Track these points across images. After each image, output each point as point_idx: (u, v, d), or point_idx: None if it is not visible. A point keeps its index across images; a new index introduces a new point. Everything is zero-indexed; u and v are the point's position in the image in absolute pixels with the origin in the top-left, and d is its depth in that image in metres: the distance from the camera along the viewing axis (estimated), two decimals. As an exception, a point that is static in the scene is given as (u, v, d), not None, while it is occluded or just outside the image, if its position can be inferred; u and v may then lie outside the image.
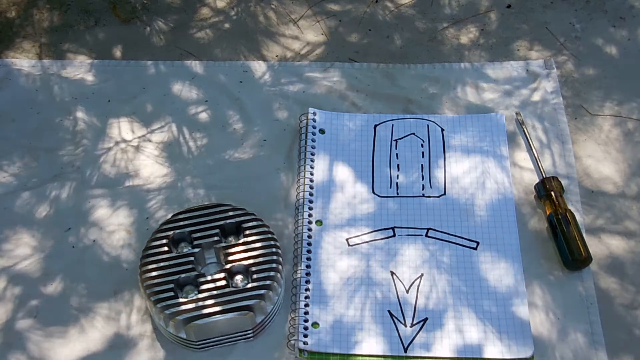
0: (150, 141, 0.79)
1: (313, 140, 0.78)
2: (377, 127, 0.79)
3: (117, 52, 0.87)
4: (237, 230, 0.68)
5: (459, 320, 0.67)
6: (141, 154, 0.78)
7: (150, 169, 0.77)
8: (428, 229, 0.72)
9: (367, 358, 0.65)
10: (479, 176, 0.75)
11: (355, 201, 0.74)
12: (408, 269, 0.70)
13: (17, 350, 0.66)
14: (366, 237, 0.72)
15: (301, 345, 0.65)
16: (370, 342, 0.66)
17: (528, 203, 0.74)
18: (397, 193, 0.75)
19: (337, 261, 0.70)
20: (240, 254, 0.66)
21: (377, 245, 0.71)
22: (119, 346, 0.66)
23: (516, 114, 0.80)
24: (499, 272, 0.69)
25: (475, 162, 0.76)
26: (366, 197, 0.74)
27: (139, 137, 0.79)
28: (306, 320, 0.67)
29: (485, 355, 0.65)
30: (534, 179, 0.75)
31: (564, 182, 0.74)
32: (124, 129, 0.80)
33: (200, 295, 0.64)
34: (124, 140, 0.79)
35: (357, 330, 0.67)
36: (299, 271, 0.70)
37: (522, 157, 0.77)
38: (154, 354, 0.66)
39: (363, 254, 0.71)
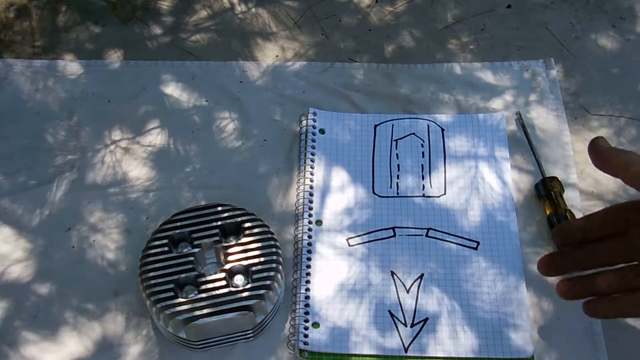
0: (150, 141, 0.79)
1: (313, 141, 0.78)
2: (377, 127, 0.79)
3: (117, 53, 0.87)
4: (237, 230, 0.68)
5: (459, 320, 0.67)
6: (141, 154, 0.78)
7: (150, 169, 0.77)
8: (428, 229, 0.72)
9: (368, 358, 0.65)
10: (479, 176, 0.75)
11: (356, 201, 0.74)
12: (408, 269, 0.70)
13: (17, 351, 0.66)
14: (366, 237, 0.72)
15: (301, 345, 0.65)
16: (371, 342, 0.66)
17: (528, 203, 0.74)
18: (397, 193, 0.75)
19: (337, 261, 0.70)
20: (240, 254, 0.66)
21: (378, 245, 0.71)
22: (119, 346, 0.66)
23: (516, 113, 0.80)
24: (499, 272, 0.69)
25: (475, 162, 0.76)
26: (366, 197, 0.74)
27: (139, 137, 0.79)
28: (306, 320, 0.67)
29: (486, 355, 0.65)
30: (534, 179, 0.75)
31: (563, 182, 0.74)
32: (124, 129, 0.80)
33: (200, 296, 0.64)
34: (124, 141, 0.79)
35: (358, 330, 0.66)
36: (299, 271, 0.70)
37: (522, 157, 0.77)
38: (154, 354, 0.66)
39: (363, 254, 0.71)
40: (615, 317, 0.57)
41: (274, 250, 0.66)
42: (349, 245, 0.72)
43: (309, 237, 0.72)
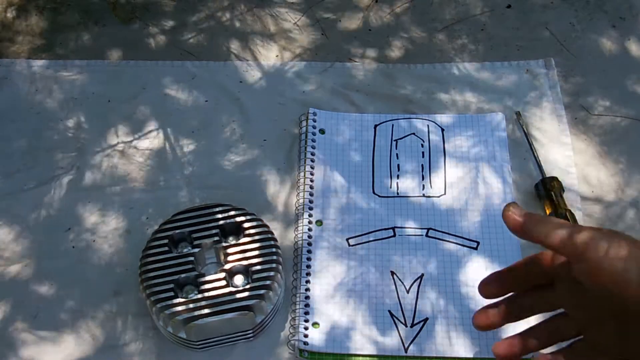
0: (150, 141, 0.79)
1: (313, 141, 0.78)
2: (377, 127, 0.79)
3: (117, 53, 0.87)
4: (237, 230, 0.68)
5: (459, 320, 0.67)
6: (141, 153, 0.78)
7: (150, 168, 0.77)
8: (428, 229, 0.72)
9: (368, 358, 0.65)
10: (479, 176, 0.75)
11: (356, 201, 0.74)
12: (408, 269, 0.70)
13: (17, 351, 0.66)
14: (366, 237, 0.72)
15: (301, 345, 0.65)
16: (371, 342, 0.66)
17: (528, 203, 0.74)
18: (397, 193, 0.75)
19: (337, 261, 0.70)
20: (240, 254, 0.66)
21: (377, 245, 0.71)
22: (119, 346, 0.66)
23: (516, 113, 0.80)
24: (499, 272, 0.69)
25: (475, 162, 0.76)
26: (366, 197, 0.74)
27: (139, 137, 0.79)
28: (306, 320, 0.67)
29: (486, 355, 0.65)
30: (534, 179, 0.75)
31: (563, 182, 0.74)
32: (124, 129, 0.80)
33: (200, 295, 0.64)
34: (124, 141, 0.79)
35: (358, 330, 0.66)
36: (299, 271, 0.70)
37: (522, 157, 0.77)
38: (154, 354, 0.66)
39: (363, 254, 0.71)
40: None
41: (273, 250, 0.66)
42: (349, 245, 0.71)
43: (309, 237, 0.72)
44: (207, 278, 0.65)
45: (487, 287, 0.59)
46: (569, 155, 0.77)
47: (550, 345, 0.58)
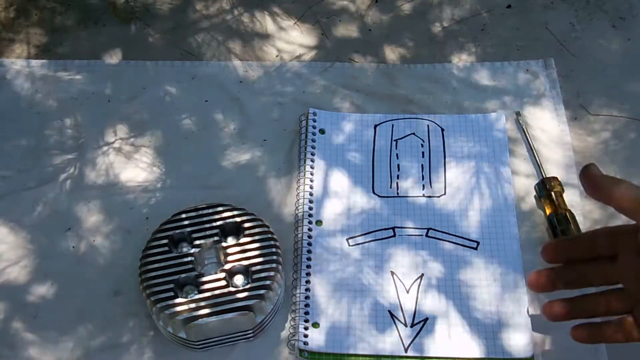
0: (149, 141, 0.79)
1: (313, 141, 0.78)
2: (377, 127, 0.79)
3: (117, 53, 0.87)
4: (237, 230, 0.68)
5: (459, 320, 0.67)
6: (141, 154, 0.78)
7: (150, 168, 0.77)
8: (428, 229, 0.72)
9: (368, 358, 0.65)
10: (479, 176, 0.75)
11: (355, 201, 0.74)
12: (408, 269, 0.70)
13: (17, 351, 0.66)
14: (366, 237, 0.72)
15: (301, 345, 0.65)
16: (371, 342, 0.66)
17: (528, 203, 0.74)
18: (397, 193, 0.75)
19: (337, 261, 0.70)
20: (240, 254, 0.66)
21: (377, 245, 0.71)
22: (119, 346, 0.66)
23: (516, 113, 0.80)
24: (499, 272, 0.69)
25: (475, 162, 0.76)
26: (366, 197, 0.74)
27: (139, 137, 0.79)
28: (306, 320, 0.67)
29: (485, 356, 0.65)
30: (534, 178, 0.75)
31: (564, 182, 0.74)
32: (123, 129, 0.80)
33: (200, 296, 0.64)
34: (124, 141, 0.79)
35: (358, 330, 0.66)
36: (299, 271, 0.70)
37: (522, 156, 0.77)
38: (154, 354, 0.66)
39: (363, 254, 0.71)
40: (599, 342, 0.60)
41: (273, 250, 0.66)
42: (349, 245, 0.72)
43: (309, 237, 0.72)
44: (207, 278, 0.65)
45: (550, 251, 0.59)
46: (569, 155, 0.77)
47: (598, 316, 0.58)
